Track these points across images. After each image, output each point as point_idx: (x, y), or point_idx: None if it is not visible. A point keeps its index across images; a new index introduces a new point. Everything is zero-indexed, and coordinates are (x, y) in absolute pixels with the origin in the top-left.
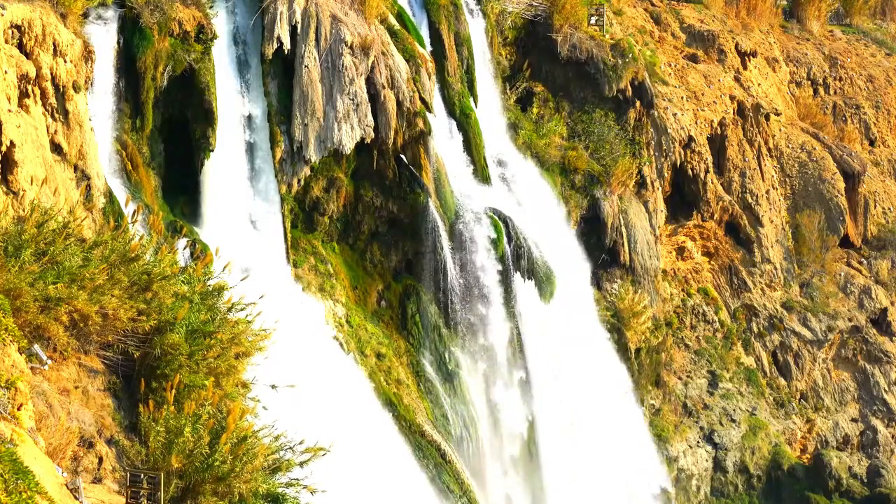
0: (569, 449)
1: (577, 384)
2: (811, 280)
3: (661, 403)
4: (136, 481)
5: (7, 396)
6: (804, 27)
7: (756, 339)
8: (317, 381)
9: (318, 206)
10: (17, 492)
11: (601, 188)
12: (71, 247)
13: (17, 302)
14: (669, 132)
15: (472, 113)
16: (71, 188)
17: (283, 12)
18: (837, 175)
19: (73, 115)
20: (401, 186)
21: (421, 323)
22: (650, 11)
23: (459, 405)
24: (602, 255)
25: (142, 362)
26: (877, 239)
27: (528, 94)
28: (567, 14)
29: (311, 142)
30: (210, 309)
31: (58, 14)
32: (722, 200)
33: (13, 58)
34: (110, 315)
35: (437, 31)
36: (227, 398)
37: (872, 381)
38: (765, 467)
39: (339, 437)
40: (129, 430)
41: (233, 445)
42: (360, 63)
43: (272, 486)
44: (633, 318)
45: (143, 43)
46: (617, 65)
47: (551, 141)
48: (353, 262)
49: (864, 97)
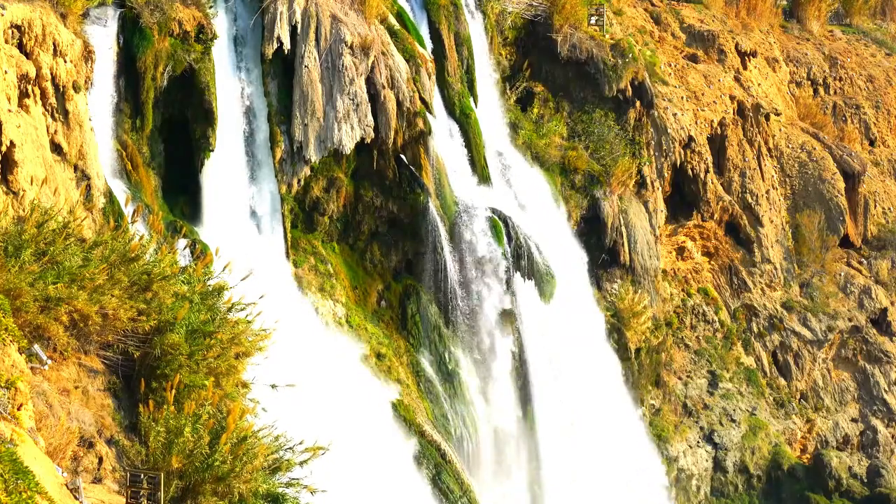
0: (568, 449)
1: (577, 384)
2: (811, 280)
3: (661, 403)
4: (136, 481)
5: (7, 396)
6: (804, 27)
7: (756, 339)
8: (317, 381)
9: (318, 206)
10: (17, 492)
11: (601, 188)
12: (71, 247)
13: (17, 302)
14: (669, 132)
15: (472, 113)
16: (71, 188)
17: (283, 12)
18: (837, 175)
19: (73, 115)
20: (401, 186)
21: (421, 323)
22: (650, 11)
23: (459, 405)
24: (602, 255)
25: (142, 362)
26: (877, 239)
27: (528, 94)
28: (567, 14)
29: (311, 142)
30: (210, 309)
31: (58, 14)
32: (722, 200)
33: (13, 58)
34: (110, 315)
35: (437, 31)
36: (227, 398)
37: (872, 381)
38: (765, 467)
39: (339, 436)
40: (129, 430)
41: (233, 445)
42: (360, 63)
43: (272, 486)
44: (633, 318)
45: (143, 43)
46: (617, 65)
47: (551, 141)
48: (353, 262)
49: (864, 97)
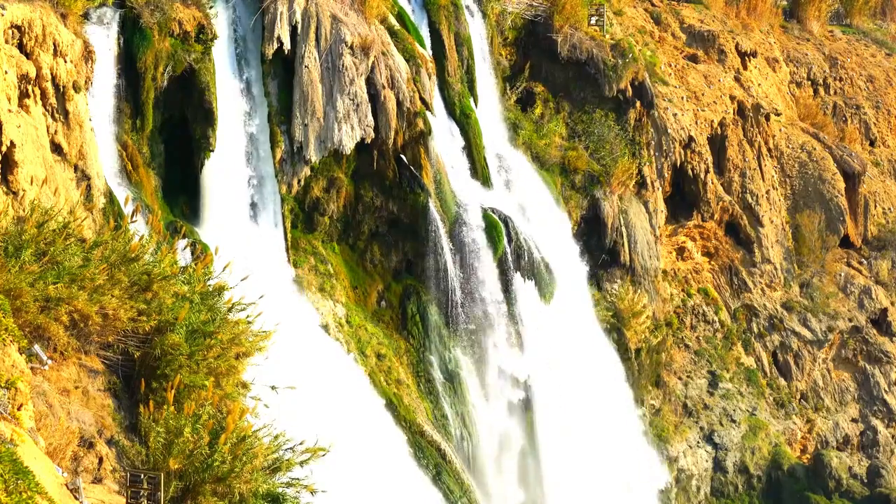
0: (568, 449)
1: (577, 384)
2: (811, 280)
3: (661, 403)
4: (136, 481)
5: (7, 396)
6: (804, 27)
7: (756, 340)
8: (317, 381)
9: (318, 207)
10: (17, 492)
11: (601, 188)
12: (71, 247)
13: (18, 302)
14: (669, 132)
15: (473, 113)
16: (71, 188)
17: (283, 12)
18: (837, 175)
19: (73, 115)
20: (401, 187)
21: (421, 323)
22: (650, 11)
23: (459, 405)
24: (602, 255)
25: (142, 362)
26: (877, 239)
27: (529, 95)
28: (567, 14)
29: (311, 142)
30: (210, 309)
31: (58, 14)
32: (722, 200)
33: (13, 58)
34: (110, 315)
35: (437, 32)
36: (227, 398)
37: (872, 381)
38: (765, 467)
39: (340, 436)
40: (130, 430)
41: (232, 445)
42: (360, 63)
43: (272, 486)
44: (633, 318)
45: (144, 43)
46: (617, 65)
47: (551, 141)
48: (353, 263)
49: (865, 97)
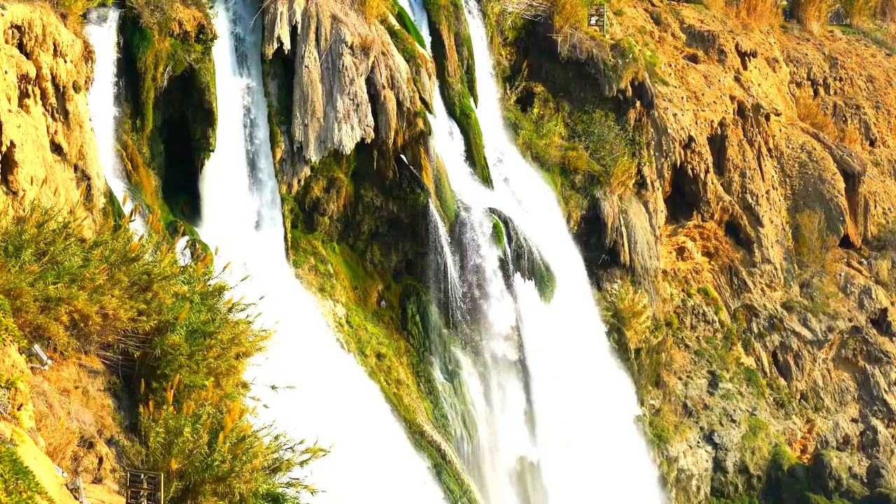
0: (568, 449)
1: (577, 384)
2: (811, 280)
3: (661, 403)
4: (136, 481)
5: (7, 396)
6: (804, 27)
7: (756, 340)
8: (317, 381)
9: (318, 207)
10: (17, 492)
11: (601, 188)
12: (71, 247)
13: (18, 302)
14: (669, 132)
15: (473, 113)
16: (71, 188)
17: (283, 12)
18: (837, 175)
19: (73, 115)
20: (401, 186)
21: (421, 323)
22: (650, 11)
23: (459, 405)
24: (602, 255)
25: (142, 362)
26: (877, 239)
27: (529, 94)
28: (567, 14)
29: (311, 142)
30: (210, 309)
31: (58, 14)
32: (722, 200)
33: (13, 58)
34: (110, 315)
35: (437, 31)
36: (227, 398)
37: (872, 381)
38: (765, 467)
39: (340, 436)
40: (130, 430)
41: (232, 445)
42: (360, 63)
43: (272, 486)
44: (633, 318)
45: (144, 43)
46: (617, 65)
47: (551, 141)
48: (353, 263)
49: (865, 97)
